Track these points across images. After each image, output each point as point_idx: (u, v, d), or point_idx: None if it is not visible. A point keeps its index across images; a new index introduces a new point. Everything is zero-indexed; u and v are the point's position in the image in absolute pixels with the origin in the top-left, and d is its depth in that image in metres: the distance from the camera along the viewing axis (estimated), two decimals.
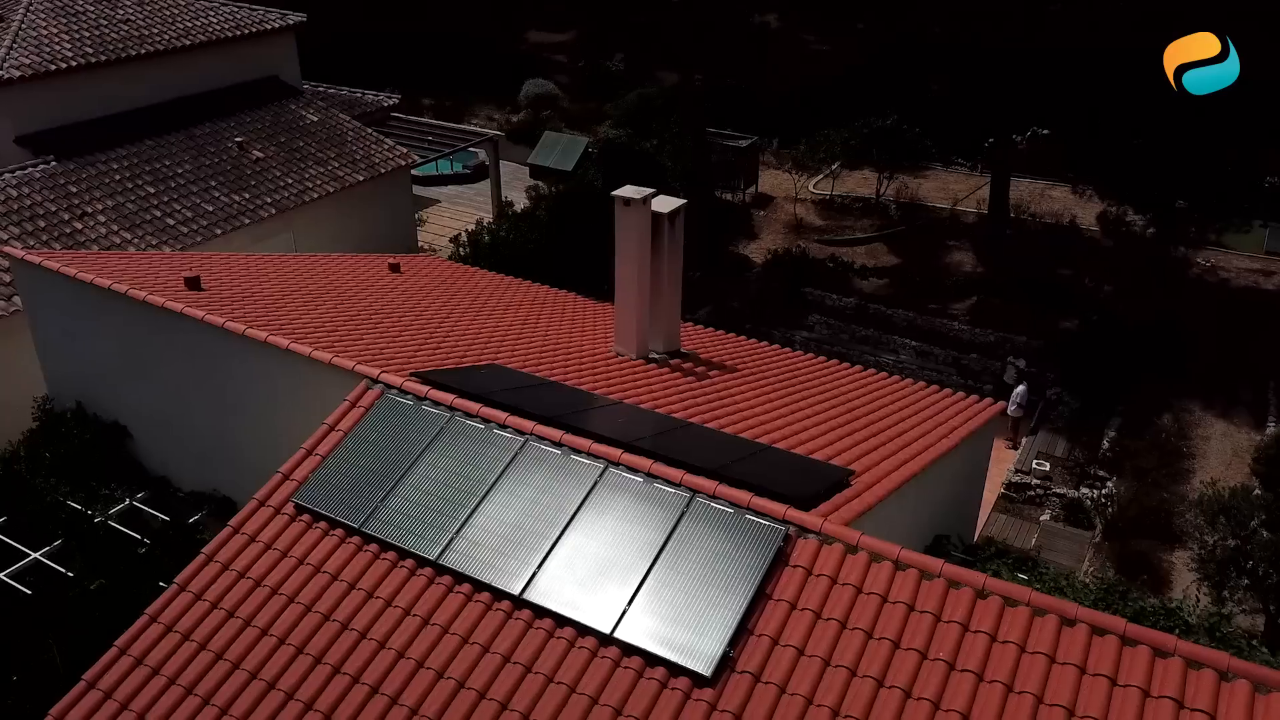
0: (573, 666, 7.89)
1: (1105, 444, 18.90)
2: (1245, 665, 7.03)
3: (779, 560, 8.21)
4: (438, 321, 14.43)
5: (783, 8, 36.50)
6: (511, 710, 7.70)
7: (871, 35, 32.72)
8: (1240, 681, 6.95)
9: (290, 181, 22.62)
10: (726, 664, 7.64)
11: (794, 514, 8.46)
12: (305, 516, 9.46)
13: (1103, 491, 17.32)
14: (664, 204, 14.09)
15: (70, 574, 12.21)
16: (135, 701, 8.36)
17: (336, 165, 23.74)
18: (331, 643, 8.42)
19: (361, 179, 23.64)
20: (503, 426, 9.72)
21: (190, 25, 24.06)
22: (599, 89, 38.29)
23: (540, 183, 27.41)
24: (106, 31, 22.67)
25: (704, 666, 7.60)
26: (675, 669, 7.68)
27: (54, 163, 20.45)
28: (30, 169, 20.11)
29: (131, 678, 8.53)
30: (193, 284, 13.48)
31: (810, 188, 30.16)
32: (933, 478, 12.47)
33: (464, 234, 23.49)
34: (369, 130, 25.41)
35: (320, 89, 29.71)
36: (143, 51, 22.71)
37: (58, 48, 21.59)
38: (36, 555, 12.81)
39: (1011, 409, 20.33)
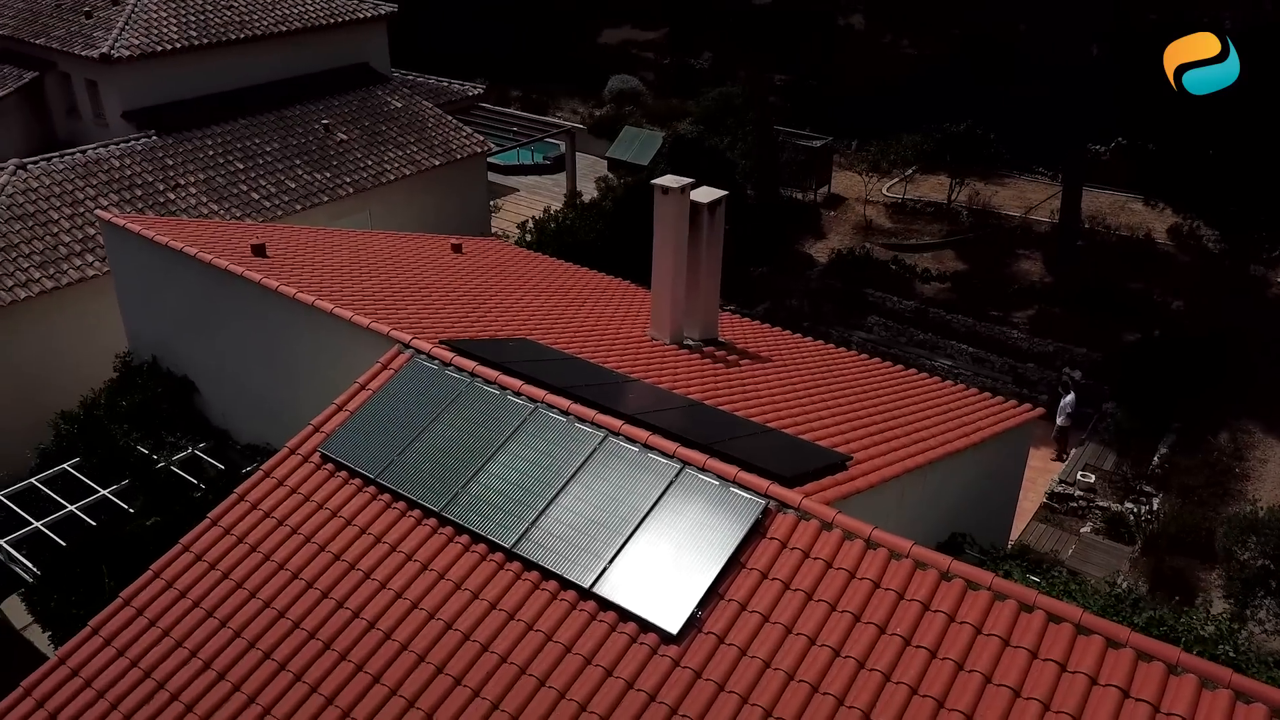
0: (552, 617, 8.38)
1: (1156, 460, 18.50)
2: (1195, 660, 7.10)
3: (756, 531, 8.55)
4: (484, 298, 15.08)
5: (872, 10, 36.32)
6: (491, 653, 8.23)
7: (960, 39, 32.39)
8: (1188, 676, 7.04)
9: (370, 163, 23.70)
10: (694, 624, 8.03)
11: (776, 489, 8.78)
12: (329, 465, 10.18)
13: (1147, 507, 16.99)
14: (704, 194, 14.46)
15: (131, 510, 13.28)
16: (162, 619, 9.18)
17: (415, 149, 24.74)
18: (339, 580, 9.09)
19: (438, 163, 24.60)
20: (516, 394, 10.28)
21: (288, 12, 25.37)
22: (682, 86, 38.74)
23: (610, 175, 27.98)
24: (211, 16, 24.10)
25: (672, 625, 8.00)
26: (645, 625, 8.11)
27: (154, 137, 21.91)
28: (133, 142, 21.60)
29: (161, 599, 9.36)
30: (259, 251, 14.42)
31: (883, 191, 30.04)
32: (948, 474, 12.57)
33: (531, 220, 24.21)
34: (449, 117, 26.37)
35: (410, 77, 30.89)
36: (243, 36, 24.06)
37: (165, 30, 23.08)
38: (104, 492, 13.95)
39: (1059, 419, 20.05)
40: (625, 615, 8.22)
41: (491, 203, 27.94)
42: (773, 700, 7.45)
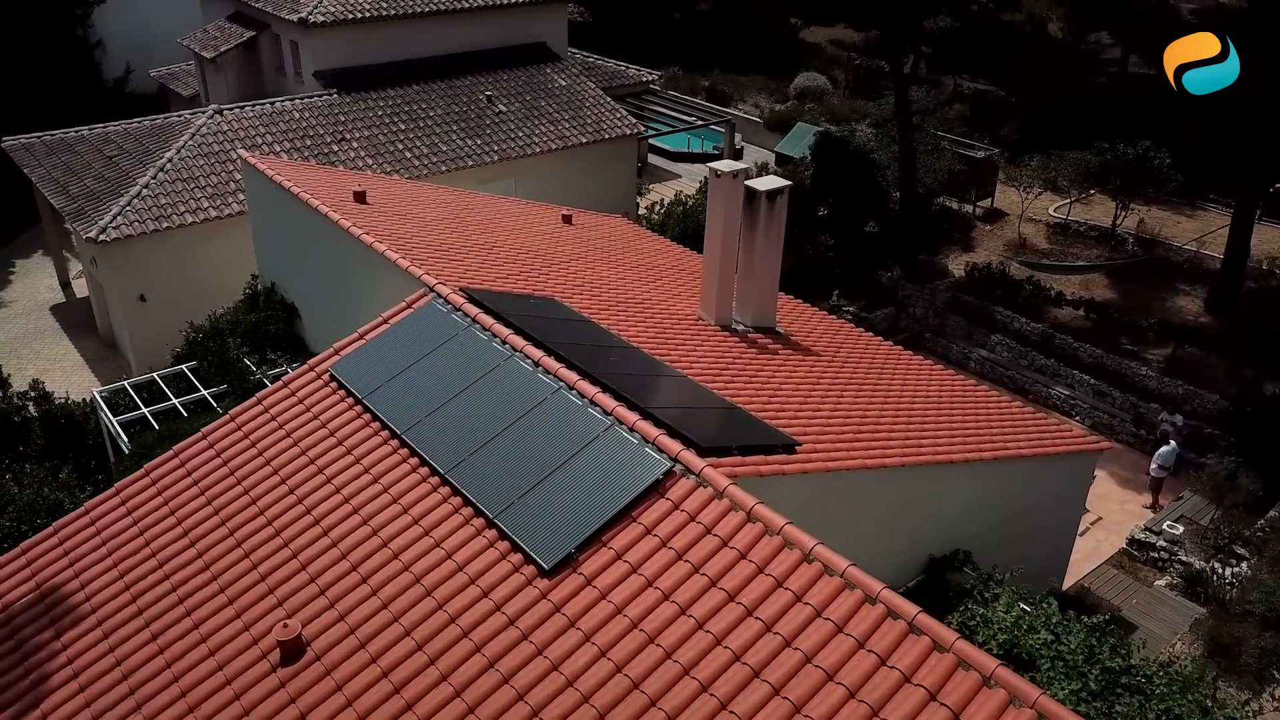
0: (459, 538, 9.13)
1: (1260, 522, 16.74)
2: (1009, 676, 6.90)
3: (655, 490, 8.91)
4: (551, 262, 15.91)
5: (1073, 17, 34.31)
6: (398, 560, 9.08)
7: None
8: (999, 690, 6.86)
9: (520, 135, 25.19)
10: (569, 563, 8.54)
11: (686, 455, 9.09)
12: (334, 384, 11.38)
13: (1234, 570, 15.49)
14: (765, 183, 14.64)
15: (220, 410, 15.19)
16: (168, 491, 10.68)
17: (567, 126, 26.02)
18: (305, 481, 10.24)
19: (585, 141, 25.76)
20: (503, 342, 11.08)
21: None
22: (871, 89, 38.08)
23: (778, 168, 28.13)
24: None
25: (548, 560, 8.55)
26: (529, 558, 8.70)
27: (334, 95, 24.33)
28: (314, 99, 24.11)
29: (172, 475, 10.85)
30: (359, 198, 15.98)
31: (1049, 210, 28.40)
32: (951, 484, 12.26)
33: (661, 202, 24.90)
34: (607, 98, 27.47)
35: (590, 59, 32.28)
36: (429, 9, 26.16)
37: (358, 0, 25.49)
38: (204, 392, 16.01)
39: (1153, 469, 18.52)
40: (516, 546, 8.84)
41: (641, 185, 28.82)
42: (610, 643, 7.86)
